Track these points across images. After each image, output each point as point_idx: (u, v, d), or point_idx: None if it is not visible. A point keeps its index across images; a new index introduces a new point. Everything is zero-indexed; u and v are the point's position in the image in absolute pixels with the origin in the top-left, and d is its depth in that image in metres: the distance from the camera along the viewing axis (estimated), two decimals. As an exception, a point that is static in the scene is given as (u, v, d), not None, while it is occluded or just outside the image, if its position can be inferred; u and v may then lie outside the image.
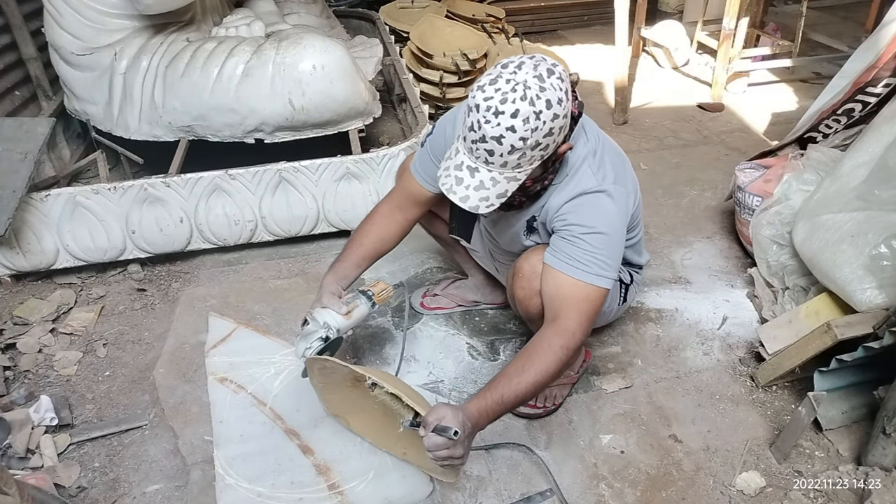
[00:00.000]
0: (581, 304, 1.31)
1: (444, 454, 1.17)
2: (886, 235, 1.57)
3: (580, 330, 1.30)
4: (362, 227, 1.57)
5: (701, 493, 1.46)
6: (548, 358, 1.26)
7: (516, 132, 1.15)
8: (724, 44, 3.37)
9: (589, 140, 1.37)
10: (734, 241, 2.32)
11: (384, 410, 1.43)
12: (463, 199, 1.24)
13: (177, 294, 2.11)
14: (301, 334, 1.44)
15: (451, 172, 1.25)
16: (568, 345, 1.27)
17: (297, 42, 2.19)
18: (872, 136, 1.79)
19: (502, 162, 1.19)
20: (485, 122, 1.15)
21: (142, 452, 1.57)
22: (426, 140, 1.52)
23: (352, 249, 1.55)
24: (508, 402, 1.24)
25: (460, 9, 3.82)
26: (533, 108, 1.14)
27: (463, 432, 1.17)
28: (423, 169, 1.52)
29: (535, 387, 1.25)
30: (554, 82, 1.17)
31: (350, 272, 1.53)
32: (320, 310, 1.45)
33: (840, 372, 1.53)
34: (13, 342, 1.87)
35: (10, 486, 1.07)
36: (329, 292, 1.46)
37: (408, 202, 1.57)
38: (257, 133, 2.26)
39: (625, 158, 1.45)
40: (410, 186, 1.55)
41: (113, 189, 2.05)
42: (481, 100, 1.16)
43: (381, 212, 1.58)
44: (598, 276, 1.30)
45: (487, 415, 1.24)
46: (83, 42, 2.27)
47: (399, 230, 1.58)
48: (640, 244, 1.66)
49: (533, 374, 1.24)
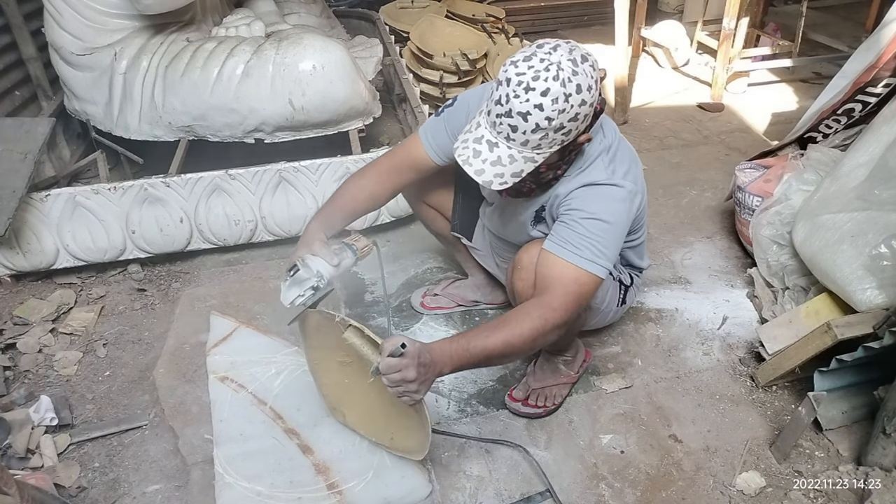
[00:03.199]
0: (569, 285, 1.29)
1: (397, 377, 1.15)
2: (886, 235, 1.57)
3: (562, 309, 1.28)
4: (356, 181, 1.53)
5: (701, 493, 1.46)
6: (523, 323, 1.25)
7: (543, 111, 1.15)
8: (724, 44, 3.37)
9: (606, 136, 1.38)
10: (734, 241, 2.32)
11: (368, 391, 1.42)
12: (478, 173, 1.23)
13: (177, 294, 2.11)
14: (291, 280, 1.37)
15: (470, 145, 1.24)
16: (546, 317, 1.26)
17: (297, 42, 2.19)
18: (872, 136, 1.79)
19: (524, 140, 1.19)
20: (514, 96, 1.16)
21: (142, 452, 1.57)
22: (444, 110, 1.48)
23: (344, 200, 1.51)
24: (474, 353, 1.23)
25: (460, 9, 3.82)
26: (563, 89, 1.15)
27: (416, 357, 1.15)
28: (434, 138, 1.48)
29: (504, 347, 1.23)
30: (586, 69, 1.17)
31: (337, 223, 1.50)
32: (312, 257, 1.40)
33: (840, 372, 1.53)
34: (13, 342, 1.87)
35: (10, 486, 1.07)
36: (320, 241, 1.43)
37: (407, 167, 1.53)
38: (257, 133, 2.26)
39: (637, 160, 1.45)
40: (415, 152, 1.51)
41: (113, 189, 2.05)
42: (513, 74, 1.16)
43: (377, 169, 1.54)
44: (591, 262, 1.29)
45: (451, 358, 1.22)
46: (83, 42, 2.27)
47: (390, 193, 1.56)
48: (643, 247, 1.66)
49: (504, 334, 1.24)
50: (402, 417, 1.36)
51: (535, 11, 4.69)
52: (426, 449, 1.34)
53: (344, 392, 1.53)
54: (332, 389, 1.57)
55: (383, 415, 1.44)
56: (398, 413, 1.36)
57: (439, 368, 1.21)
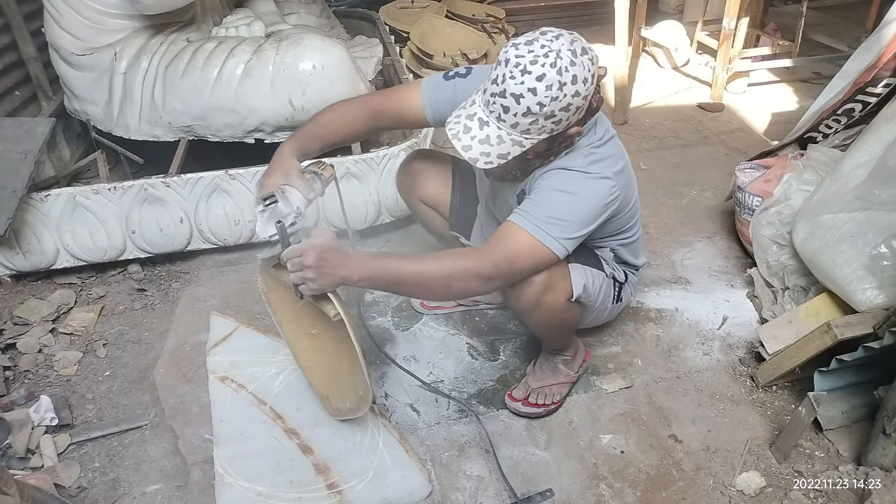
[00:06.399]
0: (508, 242, 1.29)
1: (297, 261, 1.23)
2: (886, 235, 1.57)
3: (491, 260, 1.27)
4: (340, 113, 1.50)
5: (701, 493, 1.46)
6: (445, 260, 1.27)
7: (536, 95, 1.16)
8: (724, 44, 3.37)
9: (597, 133, 1.39)
10: (734, 241, 2.32)
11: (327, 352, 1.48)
12: (465, 148, 1.24)
13: (177, 294, 2.11)
14: (270, 212, 1.33)
15: (462, 121, 1.26)
16: (470, 261, 1.27)
17: (297, 42, 2.19)
18: (872, 136, 1.79)
19: (513, 122, 1.20)
20: (510, 76, 1.17)
21: (142, 452, 1.57)
22: (454, 76, 1.46)
23: (324, 130, 1.48)
24: (388, 272, 1.25)
25: (460, 9, 3.82)
26: (559, 77, 1.16)
27: (318, 247, 1.21)
28: (435, 95, 1.45)
29: (418, 275, 1.26)
30: (585, 61, 1.19)
31: (312, 152, 1.48)
32: (290, 189, 1.36)
33: (840, 372, 1.53)
34: (13, 342, 1.87)
35: (10, 486, 1.07)
36: (297, 170, 1.40)
37: (396, 113, 1.50)
38: (257, 133, 2.26)
39: (624, 156, 1.44)
40: (409, 101, 1.47)
41: (113, 189, 2.05)
42: (513, 55, 1.18)
43: (365, 107, 1.50)
44: (540, 230, 1.28)
45: (361, 266, 1.24)
46: (83, 42, 2.27)
47: (366, 132, 1.55)
48: (637, 245, 1.66)
49: (423, 264, 1.26)
50: (339, 382, 1.43)
51: (535, 11, 4.69)
52: (367, 404, 1.42)
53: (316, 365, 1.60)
54: (308, 364, 1.62)
55: (330, 371, 1.52)
56: (336, 377, 1.43)
57: (346, 272, 1.24)
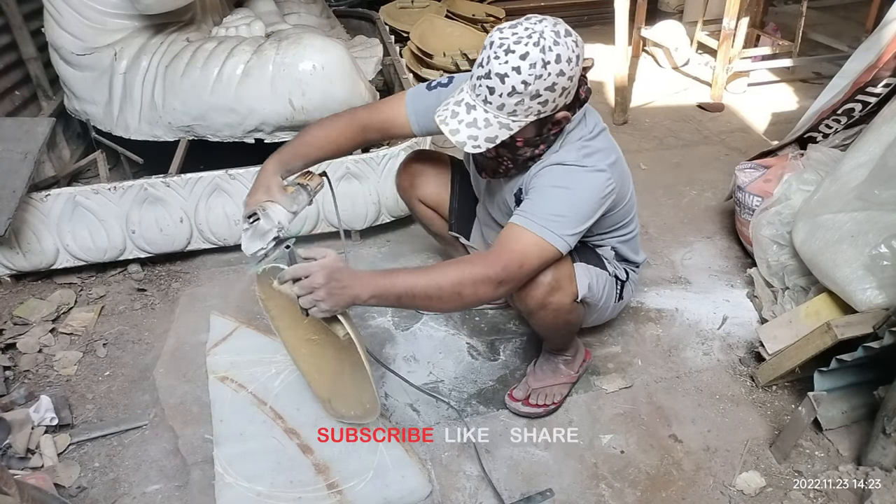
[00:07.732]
0: (514, 244, 1.29)
1: (306, 282, 1.20)
2: (886, 235, 1.57)
3: (500, 264, 1.27)
4: (325, 130, 1.51)
5: (701, 493, 1.46)
6: (453, 269, 1.26)
7: (520, 74, 1.18)
8: (724, 44, 3.37)
9: (587, 125, 1.39)
10: (734, 241, 2.32)
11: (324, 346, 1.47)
12: (453, 132, 1.25)
13: (177, 294, 2.11)
14: (253, 230, 1.35)
15: (450, 106, 1.28)
16: (478, 268, 1.26)
17: (297, 42, 2.19)
18: (872, 136, 1.79)
19: (500, 103, 1.21)
20: (494, 57, 1.19)
21: (142, 452, 1.57)
22: (437, 85, 1.48)
23: (308, 148, 1.49)
24: (398, 287, 1.23)
25: (460, 9, 3.82)
26: (542, 55, 1.18)
27: (327, 267, 1.19)
28: (418, 106, 1.48)
29: (428, 289, 1.23)
30: (569, 42, 1.21)
31: (296, 168, 1.48)
32: (272, 205, 1.37)
33: (840, 372, 1.53)
34: (13, 342, 1.87)
35: (10, 486, 1.07)
36: (278, 185, 1.41)
37: (379, 126, 1.52)
38: (257, 133, 2.26)
39: (616, 149, 1.45)
40: (395, 114, 1.50)
41: (113, 189, 2.05)
42: (497, 37, 1.21)
43: (350, 123, 1.52)
44: (544, 229, 1.29)
45: (371, 285, 1.22)
46: (83, 42, 2.27)
47: (352, 147, 1.55)
48: (636, 241, 1.66)
49: (432, 277, 1.24)
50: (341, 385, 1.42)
51: (534, 11, 4.67)
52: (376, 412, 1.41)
53: (315, 369, 1.58)
54: (308, 369, 1.61)
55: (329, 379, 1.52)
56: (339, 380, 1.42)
57: (355, 291, 1.21)
